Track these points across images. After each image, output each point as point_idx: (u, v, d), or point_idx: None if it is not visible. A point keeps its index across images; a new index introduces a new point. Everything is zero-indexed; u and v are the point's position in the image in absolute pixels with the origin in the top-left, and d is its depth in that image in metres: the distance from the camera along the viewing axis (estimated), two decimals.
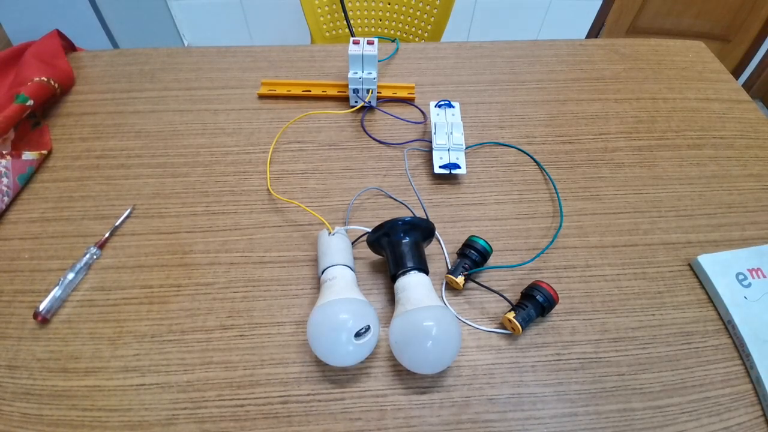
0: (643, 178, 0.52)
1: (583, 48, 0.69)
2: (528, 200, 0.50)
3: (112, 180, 0.50)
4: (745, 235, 0.47)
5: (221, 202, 0.48)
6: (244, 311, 0.41)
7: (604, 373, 0.38)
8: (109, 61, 0.64)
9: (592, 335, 0.40)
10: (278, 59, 0.65)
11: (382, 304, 0.41)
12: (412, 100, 0.60)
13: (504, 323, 0.40)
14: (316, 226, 0.46)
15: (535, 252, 0.45)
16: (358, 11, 1.16)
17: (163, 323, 0.40)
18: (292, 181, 0.50)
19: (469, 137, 0.55)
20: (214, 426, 0.35)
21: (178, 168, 0.51)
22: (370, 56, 0.54)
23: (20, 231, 0.46)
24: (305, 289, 0.42)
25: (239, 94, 0.60)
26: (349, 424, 0.35)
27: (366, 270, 0.44)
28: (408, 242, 0.40)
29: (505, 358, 0.39)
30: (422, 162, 0.53)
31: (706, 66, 0.67)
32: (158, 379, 0.37)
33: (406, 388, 0.37)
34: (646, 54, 0.68)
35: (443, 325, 0.35)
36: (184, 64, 0.64)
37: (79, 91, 0.60)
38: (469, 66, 0.65)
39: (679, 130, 0.58)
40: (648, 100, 0.61)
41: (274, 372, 0.37)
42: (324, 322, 0.35)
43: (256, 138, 0.55)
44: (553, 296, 0.39)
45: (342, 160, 0.53)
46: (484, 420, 0.36)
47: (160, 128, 0.55)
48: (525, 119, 0.58)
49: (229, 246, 0.45)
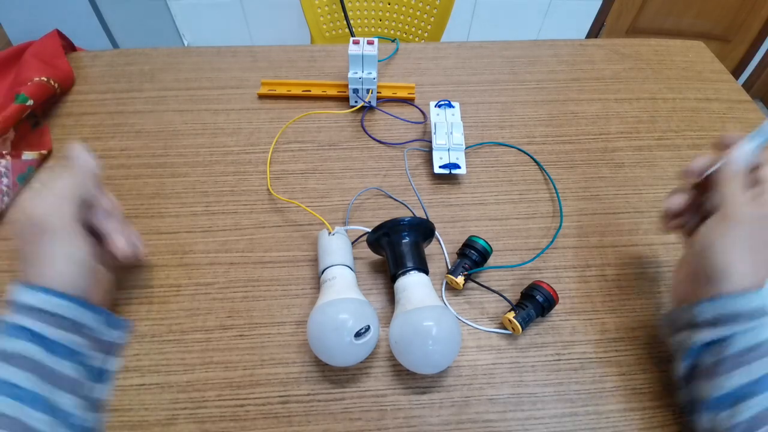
0: (643, 178, 0.52)
1: (583, 48, 0.69)
2: (528, 200, 0.50)
3: (112, 180, 0.50)
4: None
5: (221, 202, 0.48)
6: (244, 311, 0.41)
7: (604, 373, 0.38)
8: (109, 61, 0.64)
9: (592, 335, 0.40)
10: (278, 59, 0.65)
11: (382, 304, 0.41)
12: (412, 100, 0.60)
13: (504, 323, 0.40)
14: (316, 226, 0.46)
15: (535, 252, 0.45)
16: (358, 11, 1.16)
17: (163, 323, 0.40)
18: (292, 181, 0.50)
19: (469, 137, 0.55)
20: (214, 426, 0.35)
21: (178, 168, 0.51)
22: (370, 56, 0.54)
23: None
24: (305, 289, 0.42)
25: (239, 94, 0.60)
26: (349, 424, 0.35)
27: (366, 270, 0.44)
28: (408, 242, 0.40)
29: (505, 358, 0.39)
30: (422, 162, 0.53)
31: (706, 66, 0.67)
32: (158, 379, 0.37)
33: (406, 388, 0.37)
34: (646, 54, 0.68)
35: (443, 325, 0.35)
36: (184, 64, 0.64)
37: (79, 91, 0.60)
38: (469, 66, 0.65)
39: (679, 130, 0.58)
40: (648, 100, 0.61)
41: (273, 372, 0.37)
42: (324, 322, 0.35)
43: (256, 138, 0.55)
44: (553, 296, 0.39)
45: (342, 160, 0.53)
46: (484, 420, 0.36)
47: (160, 128, 0.55)
48: (525, 119, 0.58)
49: (229, 246, 0.45)
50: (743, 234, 0.31)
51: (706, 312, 0.31)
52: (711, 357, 0.31)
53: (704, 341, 0.32)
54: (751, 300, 0.30)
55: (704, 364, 0.32)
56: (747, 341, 0.30)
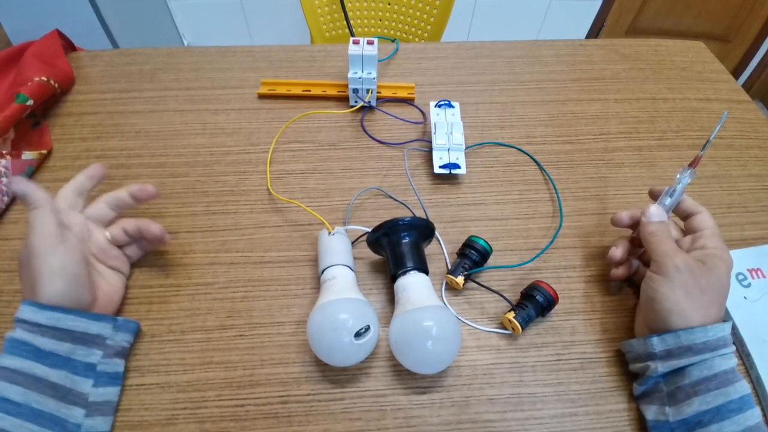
0: (643, 178, 0.52)
1: (583, 48, 0.69)
2: (528, 200, 0.50)
3: (112, 180, 0.50)
4: (745, 235, 0.47)
5: (221, 202, 0.48)
6: (243, 311, 0.41)
7: (604, 373, 0.38)
8: (109, 61, 0.64)
9: (592, 335, 0.40)
10: (278, 59, 0.65)
11: (382, 304, 0.41)
12: (412, 100, 0.60)
13: (504, 323, 0.40)
14: (316, 226, 0.46)
15: (535, 252, 0.45)
16: (358, 11, 1.16)
17: (163, 323, 0.40)
18: (292, 181, 0.50)
19: (469, 137, 0.55)
20: (214, 426, 0.35)
21: (177, 168, 0.51)
22: (370, 56, 0.54)
23: (20, 231, 0.45)
24: (305, 289, 0.42)
25: (239, 94, 0.60)
26: (349, 424, 0.35)
27: (366, 270, 0.44)
28: (408, 242, 0.40)
29: (505, 358, 0.39)
30: (422, 162, 0.53)
31: (706, 66, 0.67)
32: (158, 379, 0.37)
33: (406, 388, 0.37)
34: (646, 54, 0.68)
35: (443, 325, 0.35)
36: (184, 64, 0.64)
37: (79, 91, 0.60)
38: (469, 66, 0.65)
39: (679, 130, 0.58)
40: (648, 100, 0.61)
41: (274, 372, 0.37)
42: (324, 322, 0.35)
43: (256, 138, 0.55)
44: (553, 296, 0.39)
45: (342, 160, 0.53)
46: (484, 420, 0.36)
47: (160, 128, 0.55)
48: (525, 119, 0.58)
49: (229, 246, 0.45)
50: (676, 284, 0.34)
51: (657, 345, 0.34)
52: (669, 386, 0.34)
53: (662, 372, 0.34)
54: (698, 335, 0.33)
55: (663, 391, 0.34)
56: (701, 372, 0.33)
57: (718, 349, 0.33)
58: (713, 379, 0.32)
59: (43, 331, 0.32)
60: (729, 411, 0.31)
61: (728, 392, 0.32)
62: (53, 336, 0.33)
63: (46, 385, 0.32)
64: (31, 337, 0.32)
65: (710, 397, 0.32)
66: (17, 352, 0.32)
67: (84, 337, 0.34)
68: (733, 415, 0.31)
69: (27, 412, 0.30)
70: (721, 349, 0.33)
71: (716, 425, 0.31)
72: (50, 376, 0.32)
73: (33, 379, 0.31)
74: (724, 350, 0.33)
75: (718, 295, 0.35)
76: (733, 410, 0.31)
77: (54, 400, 0.32)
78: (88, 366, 0.34)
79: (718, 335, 0.33)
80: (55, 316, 0.33)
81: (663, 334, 0.34)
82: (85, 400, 0.33)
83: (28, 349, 0.32)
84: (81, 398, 0.33)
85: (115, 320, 0.36)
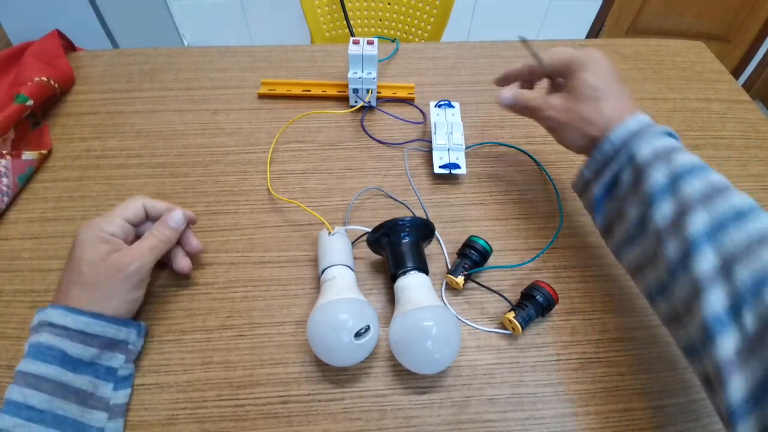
0: None
1: (583, 48, 0.69)
2: (528, 200, 0.50)
3: (112, 180, 0.50)
4: None
5: (221, 202, 0.48)
6: (243, 311, 0.41)
7: (604, 373, 0.38)
8: (109, 61, 0.64)
9: (592, 335, 0.40)
10: (278, 59, 0.65)
11: (382, 304, 0.41)
12: (412, 100, 0.60)
13: (504, 323, 0.40)
14: (316, 226, 0.46)
15: (535, 252, 0.45)
16: (358, 11, 1.16)
17: (163, 323, 0.40)
18: (292, 181, 0.50)
19: (469, 137, 0.55)
20: (214, 426, 0.35)
21: (177, 168, 0.51)
22: (370, 56, 0.54)
23: (20, 231, 0.46)
24: (305, 289, 0.42)
25: (239, 94, 0.60)
26: (349, 424, 0.35)
27: (366, 270, 0.44)
28: (408, 242, 0.40)
29: (505, 358, 0.39)
30: (422, 162, 0.53)
31: (706, 66, 0.67)
32: (158, 379, 0.37)
33: (406, 388, 0.37)
34: (646, 54, 0.68)
35: (443, 325, 0.35)
36: (184, 64, 0.64)
37: (79, 91, 0.60)
38: (469, 66, 0.65)
39: (679, 130, 0.57)
40: (648, 100, 0.61)
41: (273, 372, 0.37)
42: (324, 322, 0.35)
43: (256, 138, 0.54)
44: (553, 296, 0.39)
45: (342, 160, 0.53)
46: (484, 420, 0.36)
47: (160, 128, 0.55)
48: (525, 119, 0.58)
49: (229, 246, 0.45)
50: (597, 71, 0.41)
51: (591, 165, 0.37)
52: (614, 203, 0.36)
53: (601, 192, 0.37)
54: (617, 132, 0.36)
55: (613, 213, 0.37)
56: (628, 178, 0.35)
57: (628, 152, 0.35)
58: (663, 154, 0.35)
59: (71, 336, 0.32)
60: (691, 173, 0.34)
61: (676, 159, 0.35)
62: (81, 341, 0.33)
63: (71, 390, 0.32)
64: (58, 341, 0.32)
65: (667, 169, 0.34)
66: (42, 357, 0.31)
67: (111, 343, 0.34)
68: (699, 172, 0.34)
69: (50, 418, 0.30)
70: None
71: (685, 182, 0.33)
72: (75, 381, 0.32)
73: (58, 386, 0.31)
74: None
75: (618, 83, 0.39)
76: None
77: (77, 405, 0.32)
78: (109, 370, 0.34)
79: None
80: (85, 321, 0.33)
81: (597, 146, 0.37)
82: (106, 404, 0.33)
83: (54, 354, 0.32)
84: (102, 402, 0.33)
85: (139, 326, 0.37)
